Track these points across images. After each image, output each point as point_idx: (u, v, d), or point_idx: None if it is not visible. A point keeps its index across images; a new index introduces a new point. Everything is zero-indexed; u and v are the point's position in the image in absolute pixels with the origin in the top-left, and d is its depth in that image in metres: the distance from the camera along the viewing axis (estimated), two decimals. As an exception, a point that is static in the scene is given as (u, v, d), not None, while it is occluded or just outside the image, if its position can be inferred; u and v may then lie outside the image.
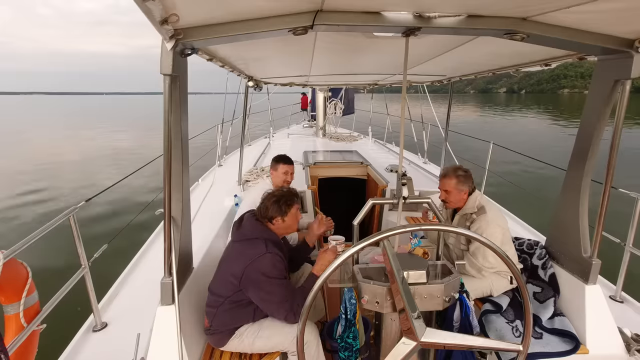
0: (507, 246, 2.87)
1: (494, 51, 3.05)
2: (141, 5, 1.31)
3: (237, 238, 2.59)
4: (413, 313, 1.39)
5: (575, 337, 2.53)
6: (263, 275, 2.35)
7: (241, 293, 2.40)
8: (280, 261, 2.45)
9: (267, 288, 2.36)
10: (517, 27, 1.94)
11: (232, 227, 2.68)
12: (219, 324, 2.44)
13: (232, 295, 2.41)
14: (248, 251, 2.42)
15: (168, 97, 2.00)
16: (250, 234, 2.53)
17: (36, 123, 51.57)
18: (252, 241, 2.49)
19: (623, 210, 3.58)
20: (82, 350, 2.89)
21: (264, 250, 2.40)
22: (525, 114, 56.68)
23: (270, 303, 2.40)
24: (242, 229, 2.59)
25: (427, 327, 1.38)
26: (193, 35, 1.87)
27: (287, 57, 3.66)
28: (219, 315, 2.43)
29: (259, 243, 2.46)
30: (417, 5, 1.80)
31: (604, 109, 2.43)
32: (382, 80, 6.21)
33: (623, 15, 1.75)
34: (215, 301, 2.45)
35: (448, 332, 1.44)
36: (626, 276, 3.53)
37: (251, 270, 2.35)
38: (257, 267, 2.35)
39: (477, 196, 3.02)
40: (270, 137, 11.62)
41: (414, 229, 1.52)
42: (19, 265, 2.54)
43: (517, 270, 1.46)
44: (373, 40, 2.68)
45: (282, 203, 2.59)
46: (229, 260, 2.52)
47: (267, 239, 2.50)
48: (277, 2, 1.69)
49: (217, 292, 2.45)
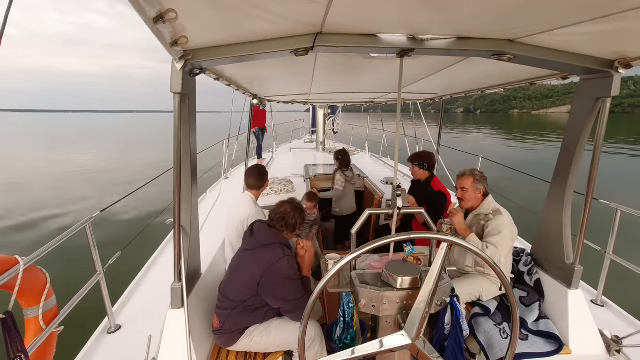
0: (509, 252, 2.88)
1: (483, 71, 3.06)
2: (152, 27, 1.31)
3: (252, 246, 2.55)
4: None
5: (559, 339, 2.53)
6: (283, 276, 2.38)
7: (257, 297, 2.40)
8: (295, 263, 2.51)
9: (286, 288, 2.39)
10: (504, 49, 1.96)
11: (244, 236, 2.65)
12: (231, 325, 2.43)
13: (247, 299, 2.41)
14: (266, 256, 2.42)
15: (178, 114, 2.00)
16: (265, 240, 2.53)
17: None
18: (268, 247, 2.49)
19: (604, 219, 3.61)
20: (98, 351, 2.90)
21: (282, 254, 2.42)
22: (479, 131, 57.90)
23: (288, 302, 2.41)
24: (255, 237, 2.57)
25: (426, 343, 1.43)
26: (201, 56, 1.88)
27: (289, 77, 3.66)
28: (231, 317, 2.42)
29: (276, 248, 2.47)
30: (410, 28, 1.82)
31: (586, 125, 2.44)
32: (378, 98, 6.23)
33: (604, 37, 1.77)
34: (228, 305, 2.43)
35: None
36: (606, 281, 3.54)
37: (271, 274, 2.36)
38: (277, 269, 2.37)
39: (492, 199, 3.02)
40: (274, 151, 11.66)
41: (405, 237, 1.52)
42: (38, 271, 2.54)
43: (504, 276, 1.48)
44: (370, 60, 2.69)
45: (300, 214, 2.73)
46: (244, 267, 2.50)
47: (282, 243, 2.53)
48: (280, 26, 1.70)
49: (232, 297, 2.44)
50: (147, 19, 1.23)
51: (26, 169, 22.26)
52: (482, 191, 3.01)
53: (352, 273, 1.91)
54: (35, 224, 11.34)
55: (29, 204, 13.65)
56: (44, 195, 15.11)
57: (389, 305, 1.63)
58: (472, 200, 3.03)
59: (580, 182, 2.57)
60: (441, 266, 1.50)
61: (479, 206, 3.02)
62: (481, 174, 3.03)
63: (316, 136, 12.14)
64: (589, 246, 3.32)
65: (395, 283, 1.66)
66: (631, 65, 2.08)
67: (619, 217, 3.41)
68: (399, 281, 1.65)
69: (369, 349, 1.45)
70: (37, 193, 15.50)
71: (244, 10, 1.43)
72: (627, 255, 3.44)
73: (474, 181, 2.98)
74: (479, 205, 3.02)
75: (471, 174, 3.02)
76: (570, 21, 1.57)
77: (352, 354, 1.42)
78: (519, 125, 78.57)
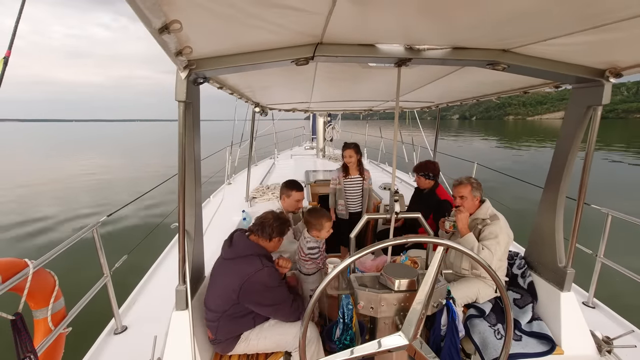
0: (504, 255, 2.88)
1: (478, 80, 3.07)
2: (158, 38, 1.32)
3: (230, 256, 2.48)
4: None
5: (552, 339, 2.53)
6: (263, 286, 2.34)
7: (239, 305, 2.35)
8: (275, 271, 2.46)
9: (268, 296, 2.36)
10: (498, 59, 1.96)
11: (223, 245, 2.59)
12: (223, 334, 2.40)
13: (229, 308, 2.35)
14: (245, 268, 2.37)
15: (182, 122, 2.01)
16: (243, 251, 2.47)
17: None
18: (247, 258, 2.43)
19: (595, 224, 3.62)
20: (104, 351, 2.89)
21: (261, 266, 2.37)
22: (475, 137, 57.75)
23: (272, 308, 2.40)
24: (234, 247, 2.50)
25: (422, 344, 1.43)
26: (205, 65, 1.89)
27: (290, 86, 3.67)
28: (221, 327, 2.38)
29: (254, 259, 2.41)
30: (407, 39, 1.83)
31: (577, 132, 2.44)
32: (376, 106, 6.25)
33: (595, 47, 1.77)
34: (213, 316, 2.38)
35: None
36: (597, 284, 3.55)
37: (250, 284, 2.31)
38: (256, 280, 2.32)
39: (489, 205, 3.03)
40: (275, 158, 11.66)
41: (402, 241, 1.53)
42: (47, 274, 2.55)
43: (499, 278, 1.48)
44: (368, 70, 2.69)
45: (285, 227, 2.63)
46: (223, 276, 2.44)
47: (260, 255, 2.47)
48: (282, 36, 1.71)
49: (214, 308, 2.39)
50: (153, 30, 1.24)
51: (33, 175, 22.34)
52: (479, 198, 3.03)
53: (351, 276, 1.91)
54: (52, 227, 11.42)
55: (41, 208, 13.70)
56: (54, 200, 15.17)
57: (387, 307, 1.63)
58: (470, 207, 3.03)
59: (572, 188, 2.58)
60: (437, 269, 1.51)
61: (477, 211, 3.02)
62: (477, 181, 3.04)
63: (316, 143, 12.16)
64: (580, 250, 3.33)
65: (392, 285, 1.66)
66: (621, 74, 2.09)
67: (610, 222, 3.42)
68: (397, 284, 1.65)
69: (368, 349, 1.46)
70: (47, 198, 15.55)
71: (246, 21, 1.44)
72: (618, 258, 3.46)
73: (471, 189, 3.00)
74: (477, 210, 3.03)
75: (468, 182, 3.03)
76: (563, 32, 1.58)
77: (352, 354, 1.42)
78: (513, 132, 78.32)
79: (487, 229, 2.87)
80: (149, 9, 1.09)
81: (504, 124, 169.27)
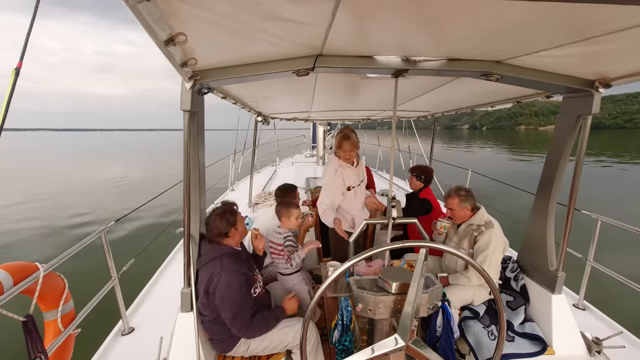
0: (499, 260, 2.88)
1: (472, 90, 3.07)
2: (163, 49, 1.32)
3: (199, 265, 2.38)
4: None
5: (543, 340, 2.52)
6: (227, 285, 2.22)
7: (215, 308, 2.28)
8: (235, 277, 2.26)
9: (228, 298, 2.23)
10: (492, 70, 1.97)
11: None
12: (218, 334, 2.35)
13: (209, 314, 2.30)
14: (207, 273, 2.28)
15: (187, 131, 2.00)
16: (206, 257, 2.36)
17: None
18: (209, 263, 2.32)
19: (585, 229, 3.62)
20: (112, 352, 2.89)
21: (219, 268, 2.25)
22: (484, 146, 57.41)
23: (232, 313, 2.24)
24: (201, 257, 2.40)
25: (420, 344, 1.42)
26: (209, 76, 1.90)
27: (291, 96, 3.67)
28: (213, 329, 2.34)
29: (214, 263, 2.30)
30: (404, 51, 1.84)
31: (568, 140, 2.44)
32: (374, 116, 6.26)
33: (585, 59, 1.78)
34: (203, 320, 2.34)
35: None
36: (587, 287, 3.55)
37: (213, 289, 2.22)
38: (216, 285, 2.22)
39: (484, 212, 3.01)
40: (277, 165, 11.68)
41: (399, 246, 1.53)
42: (57, 277, 2.56)
43: (492, 281, 1.49)
44: (366, 80, 2.69)
45: (228, 215, 2.44)
46: (199, 284, 2.34)
47: (222, 255, 2.34)
48: (283, 48, 1.71)
49: (202, 312, 2.33)
50: (159, 42, 1.25)
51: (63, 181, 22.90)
52: (469, 207, 3.00)
53: (350, 278, 1.91)
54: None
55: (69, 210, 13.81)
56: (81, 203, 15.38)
57: (384, 309, 1.63)
58: (460, 217, 3.02)
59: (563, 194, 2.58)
60: (421, 269, 1.51)
61: (472, 218, 3.00)
62: (467, 192, 2.99)
63: (316, 151, 12.18)
64: (571, 254, 3.32)
65: (390, 288, 1.66)
66: (610, 85, 2.09)
67: (599, 227, 3.42)
68: (393, 286, 1.66)
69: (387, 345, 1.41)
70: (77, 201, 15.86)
71: (249, 34, 1.45)
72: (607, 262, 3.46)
73: (459, 201, 2.97)
74: (471, 217, 3.01)
75: (456, 195, 2.98)
76: (554, 43, 1.59)
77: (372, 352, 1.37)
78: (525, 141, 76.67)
79: (481, 238, 2.84)
80: (155, 21, 1.10)
81: (516, 134, 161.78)
